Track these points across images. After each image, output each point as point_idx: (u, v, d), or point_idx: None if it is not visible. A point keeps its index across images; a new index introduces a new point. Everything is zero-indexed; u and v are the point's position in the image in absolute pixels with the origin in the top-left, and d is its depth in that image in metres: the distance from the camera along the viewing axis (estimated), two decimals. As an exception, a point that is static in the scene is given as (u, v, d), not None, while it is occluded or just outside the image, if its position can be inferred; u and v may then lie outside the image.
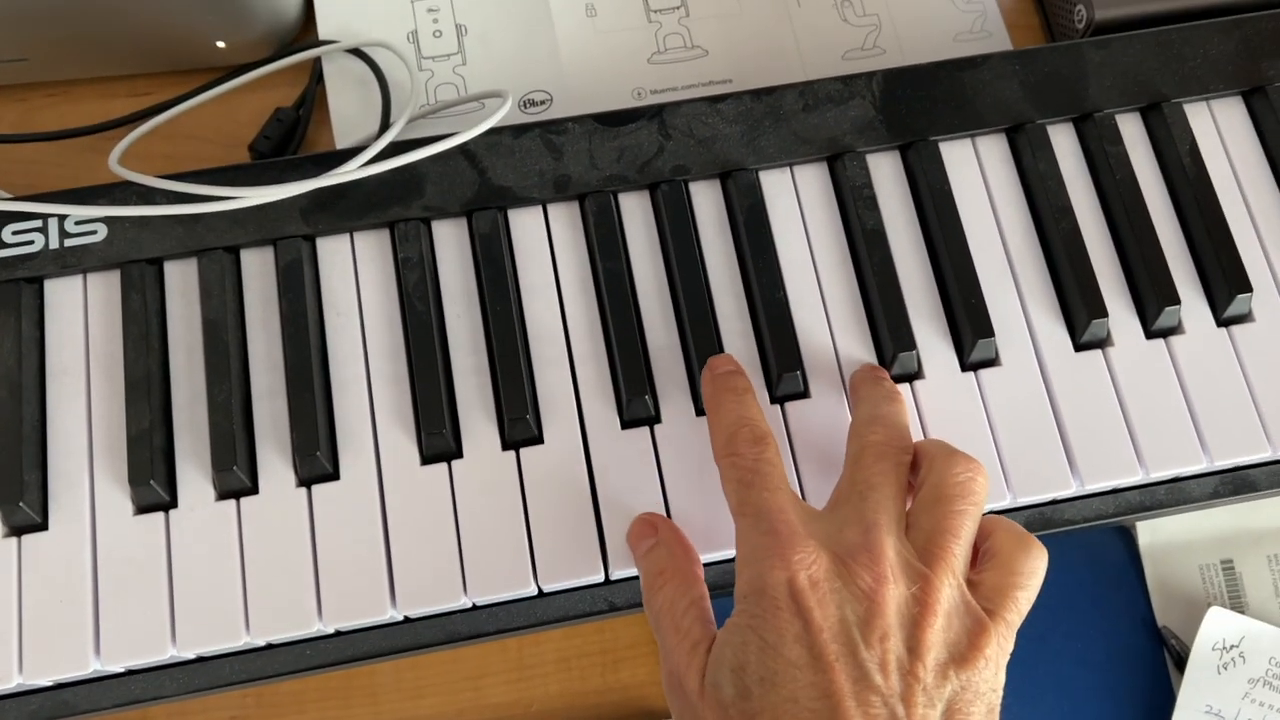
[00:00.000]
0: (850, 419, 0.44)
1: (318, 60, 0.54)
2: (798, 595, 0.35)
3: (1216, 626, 0.50)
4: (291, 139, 0.53)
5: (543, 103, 0.54)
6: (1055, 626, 0.51)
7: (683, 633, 0.37)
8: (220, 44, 0.52)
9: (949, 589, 0.36)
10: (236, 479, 0.42)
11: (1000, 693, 0.36)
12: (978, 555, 0.38)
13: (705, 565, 0.44)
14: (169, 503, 0.43)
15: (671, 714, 0.38)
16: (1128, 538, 0.52)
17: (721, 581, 0.43)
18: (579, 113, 0.48)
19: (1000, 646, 0.36)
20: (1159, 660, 0.50)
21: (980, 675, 0.35)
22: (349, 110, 0.53)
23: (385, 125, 0.51)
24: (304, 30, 0.55)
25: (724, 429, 0.41)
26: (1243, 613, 0.51)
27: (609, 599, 0.43)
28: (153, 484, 0.42)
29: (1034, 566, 0.38)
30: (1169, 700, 0.49)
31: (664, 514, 0.43)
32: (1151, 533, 0.52)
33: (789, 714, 0.34)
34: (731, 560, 0.43)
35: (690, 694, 0.36)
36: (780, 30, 0.56)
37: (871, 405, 0.42)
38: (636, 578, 0.43)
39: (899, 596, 0.35)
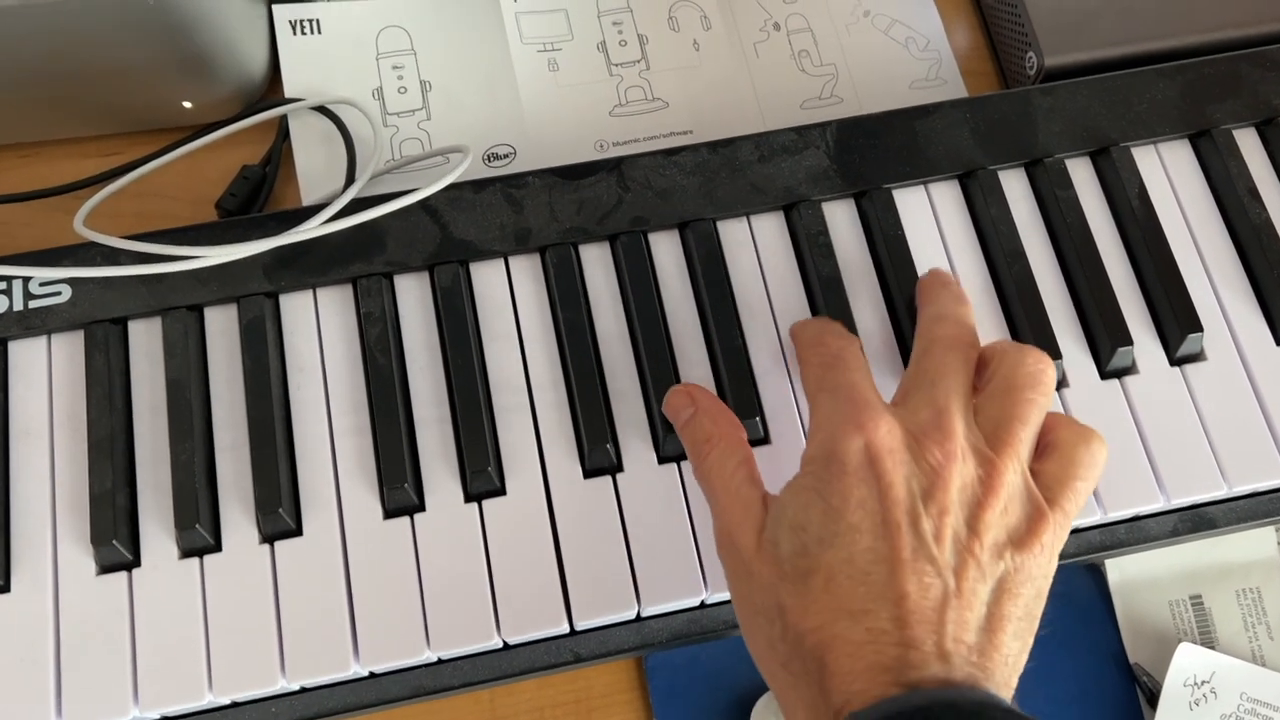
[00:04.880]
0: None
1: (284, 118, 0.54)
2: (875, 460, 0.36)
3: (1187, 662, 0.50)
4: (258, 196, 0.53)
5: (506, 156, 0.54)
6: (1027, 665, 0.51)
7: (734, 493, 0.38)
8: (187, 104, 0.53)
9: (1013, 474, 0.36)
10: (199, 537, 0.42)
11: (1050, 579, 0.36)
12: (1040, 448, 0.39)
13: (670, 614, 0.44)
14: (132, 562, 0.43)
15: (724, 571, 0.39)
16: (1098, 575, 0.52)
17: (686, 630, 0.43)
18: (543, 165, 0.49)
19: (1056, 535, 0.36)
20: (1131, 697, 0.50)
21: (1035, 560, 0.36)
22: (315, 166, 0.54)
23: (350, 180, 0.52)
24: (270, 88, 0.56)
25: (811, 333, 0.42)
26: (1213, 648, 0.51)
27: (574, 650, 0.43)
28: (115, 543, 0.42)
29: (1095, 458, 0.38)
30: (1142, 738, 0.49)
31: (628, 565, 0.43)
32: (1121, 570, 0.52)
33: (844, 574, 0.34)
34: (698, 608, 0.44)
35: (744, 549, 0.37)
36: (739, 81, 0.56)
37: (939, 305, 0.43)
38: (601, 629, 0.43)
39: (965, 474, 0.36)
